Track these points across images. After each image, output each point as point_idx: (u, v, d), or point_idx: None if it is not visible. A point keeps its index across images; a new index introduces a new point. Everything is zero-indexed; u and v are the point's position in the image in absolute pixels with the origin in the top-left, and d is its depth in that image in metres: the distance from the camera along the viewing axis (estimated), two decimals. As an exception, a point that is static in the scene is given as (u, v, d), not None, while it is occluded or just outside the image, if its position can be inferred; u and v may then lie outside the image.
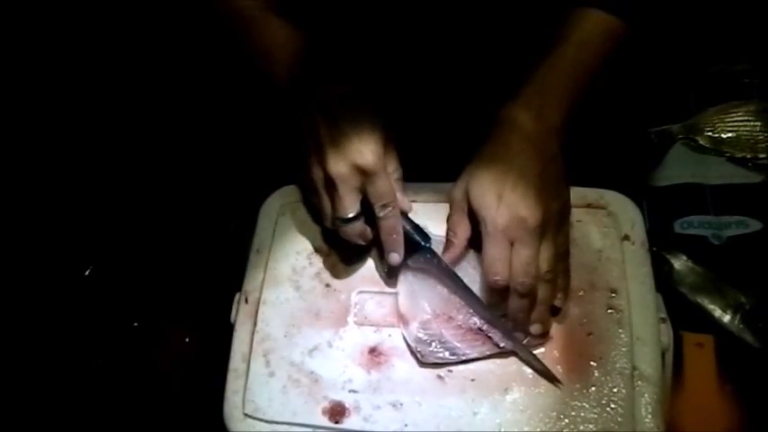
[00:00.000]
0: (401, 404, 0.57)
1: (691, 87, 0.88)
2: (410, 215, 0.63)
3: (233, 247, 0.70)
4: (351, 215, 0.58)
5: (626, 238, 0.63)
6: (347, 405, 0.57)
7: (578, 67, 0.58)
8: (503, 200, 0.55)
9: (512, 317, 0.56)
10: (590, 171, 0.62)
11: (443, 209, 0.64)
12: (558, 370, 0.56)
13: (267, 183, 0.70)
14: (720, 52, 0.88)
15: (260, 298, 0.63)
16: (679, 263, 0.77)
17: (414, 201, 0.66)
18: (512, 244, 0.55)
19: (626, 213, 0.64)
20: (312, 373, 0.59)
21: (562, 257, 0.58)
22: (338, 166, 0.56)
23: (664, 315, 0.60)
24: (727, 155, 0.83)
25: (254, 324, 0.62)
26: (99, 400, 0.78)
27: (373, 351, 0.60)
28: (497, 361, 0.58)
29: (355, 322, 0.61)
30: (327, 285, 0.64)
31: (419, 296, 0.60)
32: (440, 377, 0.58)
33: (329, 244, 0.66)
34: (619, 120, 0.61)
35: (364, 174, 0.57)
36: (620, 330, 0.57)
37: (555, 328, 0.58)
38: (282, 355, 0.60)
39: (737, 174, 0.82)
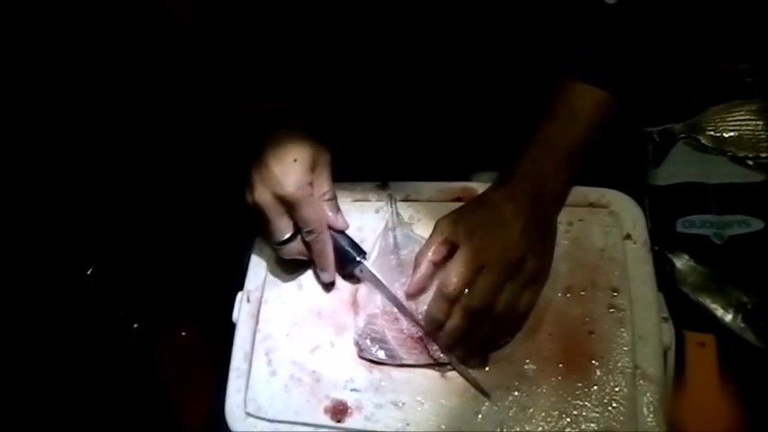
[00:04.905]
0: (403, 403, 0.57)
1: (693, 86, 0.88)
2: (410, 215, 0.63)
3: (235, 247, 0.70)
4: (283, 238, 0.60)
5: (628, 237, 0.62)
6: (349, 404, 0.57)
7: (569, 141, 0.59)
8: (488, 231, 0.56)
9: (445, 333, 0.56)
10: (592, 170, 0.61)
11: (443, 208, 0.64)
12: (559, 368, 0.56)
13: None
14: (722, 51, 0.88)
15: (262, 297, 0.64)
16: (681, 262, 0.77)
17: (415, 200, 0.67)
18: (480, 269, 0.54)
19: (628, 212, 0.64)
20: (314, 372, 0.59)
21: (518, 315, 0.57)
22: (263, 195, 0.59)
23: (665, 314, 0.60)
24: (730, 154, 0.83)
25: (256, 323, 0.62)
26: (100, 399, 0.78)
27: (375, 350, 0.60)
28: (499, 360, 0.57)
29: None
30: (329, 284, 0.64)
31: (376, 291, 0.60)
32: (442, 376, 0.58)
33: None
34: (620, 119, 0.61)
35: (288, 202, 0.58)
36: (622, 329, 0.57)
37: (557, 327, 0.58)
38: (284, 354, 0.60)
39: (739, 173, 0.82)
